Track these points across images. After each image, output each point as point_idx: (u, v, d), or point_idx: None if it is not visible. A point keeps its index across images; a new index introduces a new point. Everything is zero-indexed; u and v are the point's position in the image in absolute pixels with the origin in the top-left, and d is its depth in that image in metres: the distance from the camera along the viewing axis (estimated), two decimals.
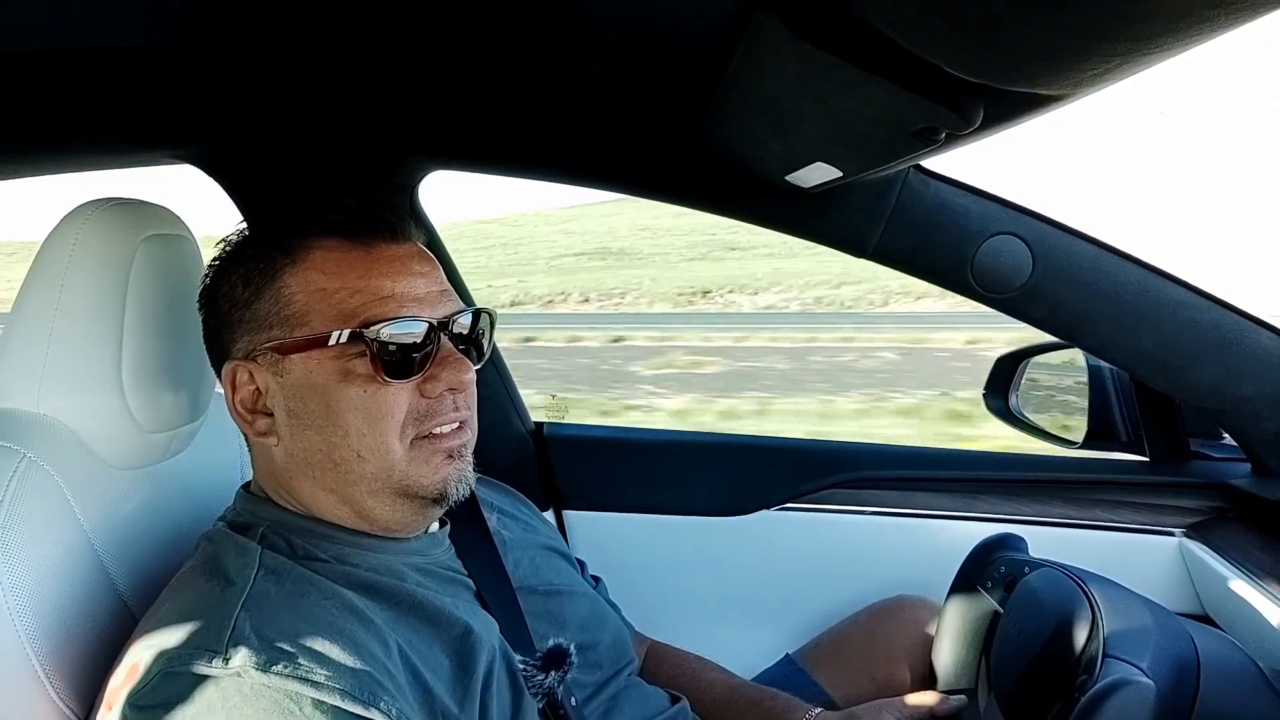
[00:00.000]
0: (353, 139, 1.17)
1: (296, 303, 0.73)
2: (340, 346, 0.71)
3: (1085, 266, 1.08)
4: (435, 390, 0.73)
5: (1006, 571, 0.99)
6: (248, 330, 0.74)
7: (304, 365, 0.72)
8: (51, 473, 0.74)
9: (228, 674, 0.60)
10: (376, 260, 0.74)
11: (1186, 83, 37.09)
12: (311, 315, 0.72)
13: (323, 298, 0.72)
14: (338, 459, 0.73)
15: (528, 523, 1.02)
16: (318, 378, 0.72)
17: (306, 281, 0.73)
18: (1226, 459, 1.27)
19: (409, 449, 0.73)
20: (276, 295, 0.73)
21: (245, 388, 0.74)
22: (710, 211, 1.15)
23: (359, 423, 0.72)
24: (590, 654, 0.90)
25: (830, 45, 0.58)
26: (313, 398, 0.72)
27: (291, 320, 0.73)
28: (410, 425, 0.73)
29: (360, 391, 0.71)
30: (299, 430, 0.73)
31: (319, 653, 0.62)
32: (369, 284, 0.72)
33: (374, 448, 0.72)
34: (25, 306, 0.78)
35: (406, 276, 0.74)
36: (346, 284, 0.72)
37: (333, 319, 0.72)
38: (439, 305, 0.75)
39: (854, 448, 1.39)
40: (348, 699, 0.61)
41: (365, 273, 0.73)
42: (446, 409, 0.75)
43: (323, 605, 0.67)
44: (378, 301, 0.72)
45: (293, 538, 0.73)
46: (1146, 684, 0.75)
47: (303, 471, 0.74)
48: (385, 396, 0.72)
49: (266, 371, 0.74)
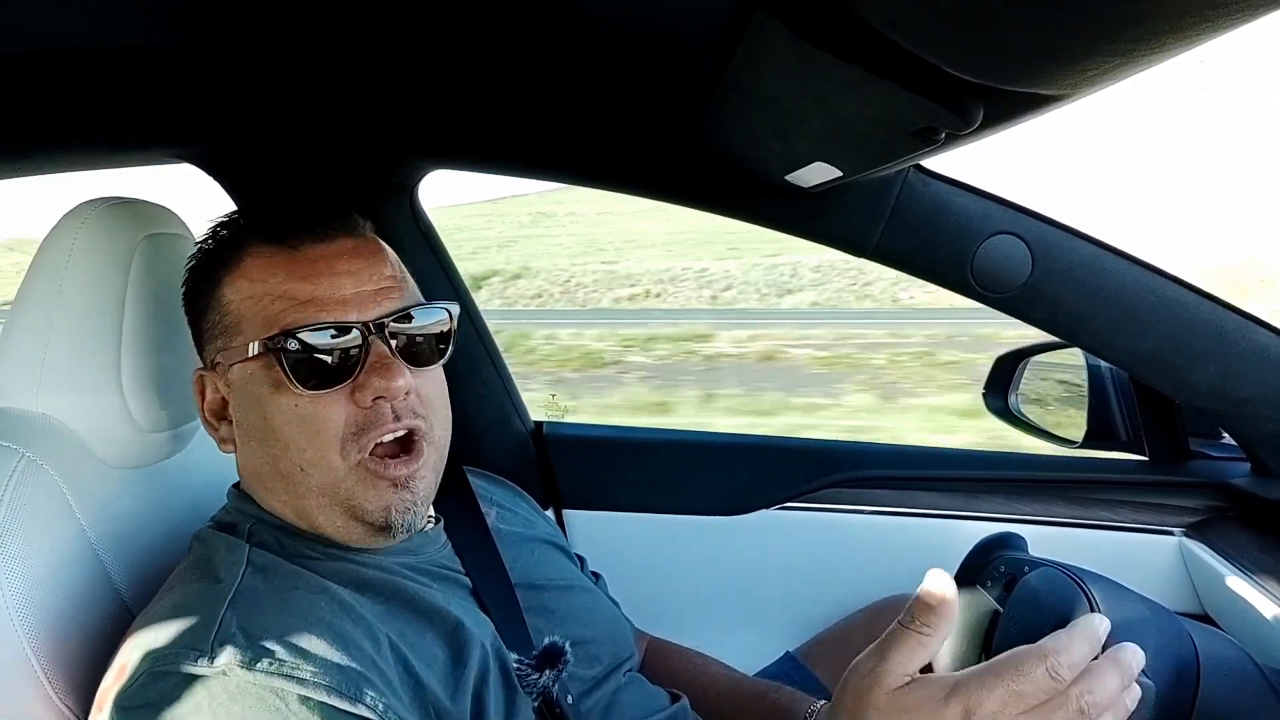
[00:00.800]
0: (352, 139, 1.17)
1: (232, 312, 0.72)
2: (268, 356, 0.69)
3: (1085, 266, 1.08)
4: (365, 399, 0.69)
5: (1006, 570, 0.99)
6: (205, 339, 0.75)
7: (242, 375, 0.72)
8: (51, 472, 0.74)
9: (213, 672, 0.60)
10: (298, 262, 0.71)
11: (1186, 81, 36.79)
12: (244, 324, 0.71)
13: (251, 305, 0.71)
14: (284, 470, 0.71)
15: (527, 518, 1.02)
16: (254, 388, 0.71)
17: (238, 290, 0.72)
18: (1226, 459, 1.27)
19: (354, 468, 0.70)
20: (218, 305, 0.73)
21: (210, 395, 0.75)
22: (710, 211, 1.15)
23: (296, 435, 0.69)
24: (589, 648, 0.90)
25: (830, 45, 0.58)
26: (252, 409, 0.71)
27: (229, 330, 0.72)
28: (350, 440, 0.70)
29: (291, 403, 0.69)
30: (245, 440, 0.74)
31: (305, 649, 0.62)
32: (289, 288, 0.70)
33: (315, 462, 0.70)
34: (25, 306, 0.78)
35: (330, 277, 0.70)
36: (270, 290, 0.70)
37: (259, 326, 0.70)
38: (369, 306, 0.71)
39: (854, 447, 1.39)
40: (334, 694, 0.60)
41: (286, 276, 0.70)
42: (385, 418, 0.70)
43: (311, 601, 0.67)
44: (296, 307, 0.69)
45: (283, 536, 0.73)
46: (1146, 683, 0.75)
47: (258, 479, 0.74)
48: (315, 407, 0.69)
49: (220, 381, 0.74)
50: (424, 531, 0.82)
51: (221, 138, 1.17)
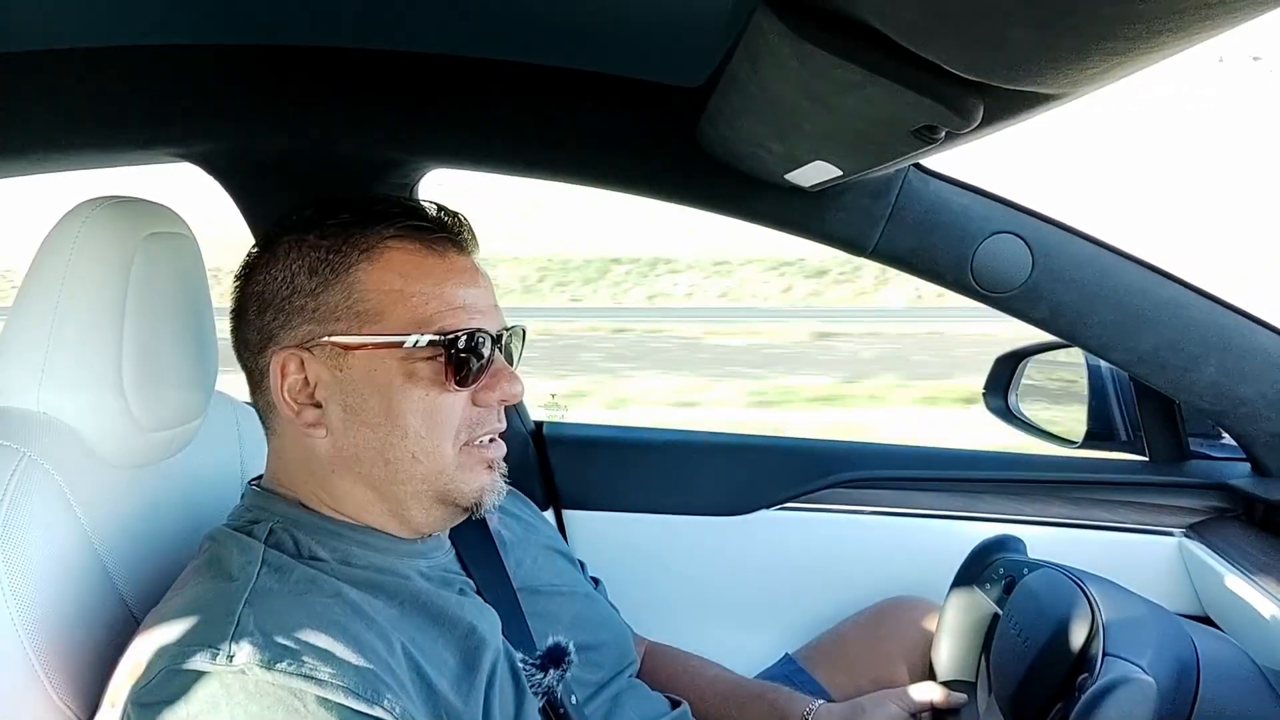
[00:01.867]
0: (353, 138, 1.17)
1: (371, 300, 0.73)
2: (410, 350, 0.72)
3: (1085, 266, 1.08)
4: (489, 400, 0.76)
5: (1005, 573, 0.99)
6: (308, 319, 0.73)
7: (368, 363, 0.72)
8: (51, 472, 0.74)
9: (231, 671, 0.60)
10: (450, 270, 0.75)
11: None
12: (385, 315, 0.73)
13: (398, 299, 0.73)
14: (391, 458, 0.73)
15: (529, 523, 1.02)
16: (381, 377, 0.72)
17: (382, 281, 0.73)
18: (1226, 459, 1.27)
19: (458, 454, 0.75)
20: (349, 289, 0.73)
21: (294, 376, 0.73)
22: (710, 211, 1.15)
23: (419, 425, 0.73)
24: (591, 654, 0.90)
25: (830, 45, 0.58)
26: (374, 395, 0.73)
27: (363, 316, 0.73)
28: (464, 432, 0.75)
29: (423, 394, 0.73)
30: (353, 426, 0.73)
31: (323, 650, 0.62)
32: (444, 291, 0.74)
33: (430, 451, 0.73)
34: (26, 305, 0.78)
35: (474, 288, 0.76)
36: (423, 289, 0.73)
37: (407, 322, 0.72)
38: (494, 318, 0.77)
39: (854, 448, 1.39)
40: (352, 696, 0.60)
41: (440, 280, 0.74)
42: (492, 420, 0.77)
43: (326, 603, 0.67)
44: (451, 311, 0.73)
45: (299, 534, 0.73)
46: (1148, 681, 0.75)
47: (348, 466, 0.74)
48: (446, 402, 0.73)
49: (322, 364, 0.73)
50: (434, 537, 0.82)
51: (221, 138, 1.17)
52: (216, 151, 1.19)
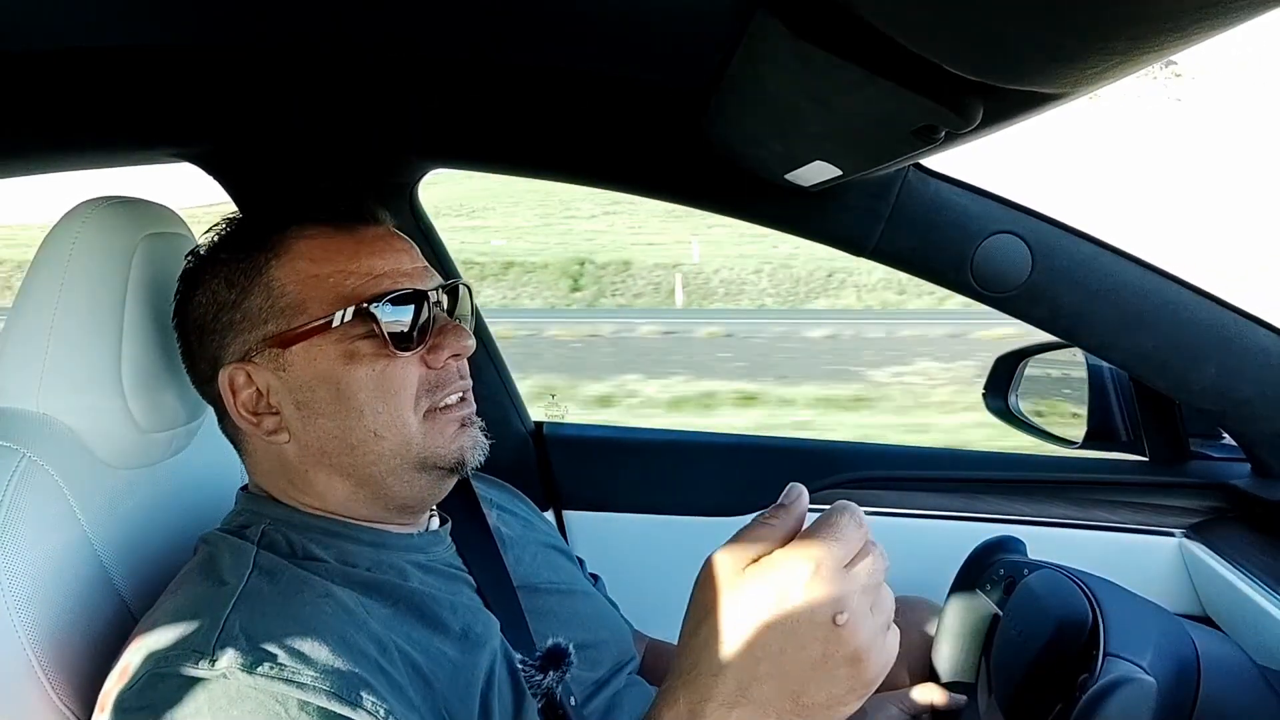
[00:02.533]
0: (352, 139, 1.17)
1: (290, 293, 0.73)
2: (343, 328, 0.72)
3: (1085, 266, 1.08)
4: (440, 359, 0.75)
5: (1005, 573, 0.99)
6: (239, 331, 0.74)
7: (306, 354, 0.72)
8: (51, 472, 0.74)
9: (214, 675, 0.60)
10: (361, 241, 0.75)
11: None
12: (308, 302, 0.73)
13: (316, 283, 0.73)
14: (354, 441, 0.73)
15: (527, 520, 1.02)
16: (322, 365, 0.72)
17: (295, 271, 0.73)
18: (1226, 459, 1.27)
19: (423, 420, 0.74)
20: (267, 289, 0.73)
21: (245, 390, 0.74)
22: (710, 210, 1.15)
23: (373, 401, 0.72)
24: (591, 652, 0.90)
25: (830, 45, 0.58)
26: (321, 385, 0.73)
27: (288, 310, 0.73)
28: (423, 397, 0.74)
29: (369, 370, 0.72)
30: (311, 420, 0.73)
31: (307, 654, 0.62)
32: (360, 264, 0.74)
33: (390, 423, 0.73)
34: (25, 305, 0.78)
35: (393, 254, 0.76)
36: (338, 267, 0.73)
37: (331, 302, 0.72)
38: (425, 279, 0.77)
39: (854, 448, 1.39)
40: (334, 700, 0.60)
41: (354, 254, 0.74)
42: (453, 377, 0.77)
43: (315, 604, 0.67)
44: (373, 280, 0.73)
45: (293, 535, 0.73)
46: (1148, 681, 0.75)
47: (318, 462, 0.74)
48: (395, 371, 0.73)
49: (266, 369, 0.73)
50: (432, 531, 0.82)
51: (221, 138, 1.17)
52: (216, 151, 1.19)
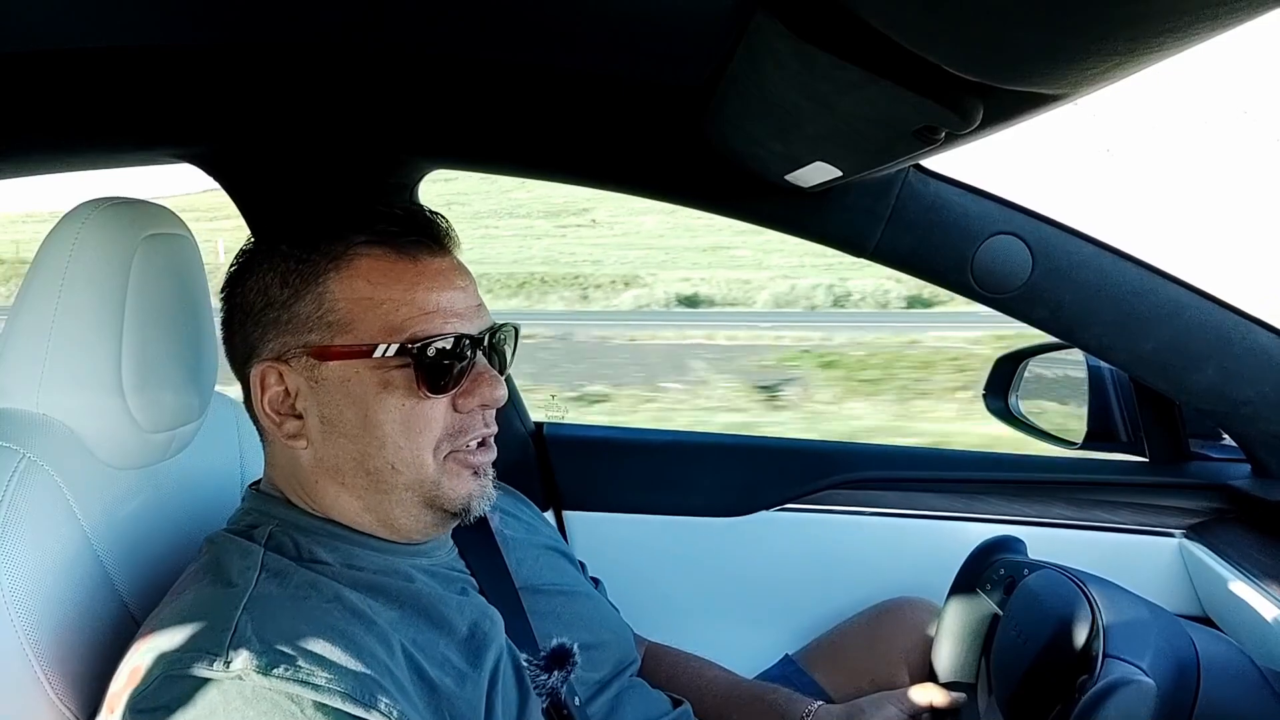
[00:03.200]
0: (353, 139, 1.17)
1: (340, 309, 0.72)
2: (383, 359, 0.71)
3: (1085, 267, 1.08)
4: (469, 405, 0.74)
5: (1005, 574, 0.99)
6: (283, 331, 0.73)
7: (342, 373, 0.72)
8: (51, 473, 0.74)
9: (229, 677, 0.60)
10: (422, 273, 0.73)
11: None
12: (356, 324, 0.72)
13: (369, 307, 0.72)
14: (371, 468, 0.73)
15: (529, 523, 1.02)
16: (356, 387, 0.72)
17: (352, 289, 0.72)
18: (1226, 460, 1.27)
19: (442, 463, 0.74)
20: (319, 299, 0.72)
21: (274, 389, 0.73)
22: (710, 211, 1.15)
23: (396, 434, 0.72)
24: (594, 653, 0.90)
25: (830, 45, 0.58)
26: (349, 406, 0.72)
27: (334, 326, 0.72)
28: (445, 441, 0.73)
29: (399, 403, 0.71)
30: (332, 436, 0.73)
31: (320, 655, 0.62)
32: (415, 297, 0.72)
33: (409, 461, 0.72)
34: (25, 306, 0.78)
35: (450, 291, 0.74)
36: (393, 295, 0.72)
37: (378, 330, 0.71)
38: (475, 320, 0.75)
39: (854, 448, 1.39)
40: (349, 701, 0.60)
41: (411, 285, 0.73)
42: (478, 425, 0.75)
43: (325, 608, 0.67)
44: (424, 316, 0.72)
45: (299, 538, 0.73)
46: (1148, 683, 0.75)
47: (331, 476, 0.74)
48: (424, 410, 0.72)
49: (299, 375, 0.73)
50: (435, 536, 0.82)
51: (222, 138, 1.17)
52: (216, 151, 1.19)
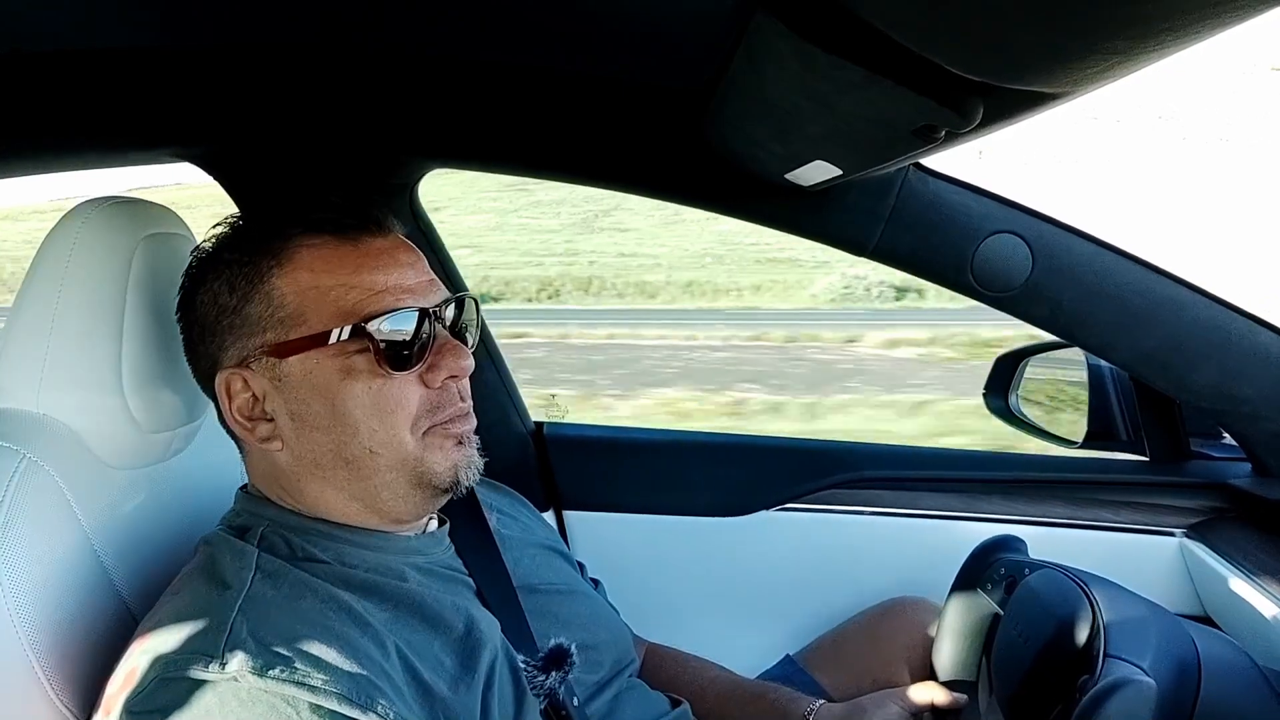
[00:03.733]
0: (352, 139, 1.17)
1: (290, 303, 0.72)
2: (340, 344, 0.71)
3: (1085, 265, 1.08)
4: (437, 379, 0.74)
5: (1006, 573, 0.99)
6: (239, 336, 0.73)
7: (303, 366, 0.72)
8: (51, 473, 0.74)
9: (224, 678, 0.60)
10: (365, 254, 0.73)
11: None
12: (307, 314, 0.71)
13: (317, 296, 0.72)
14: (349, 456, 0.72)
15: (527, 523, 1.02)
16: (318, 378, 0.71)
17: (297, 281, 0.72)
18: (1226, 459, 1.27)
19: (422, 438, 0.74)
20: (268, 298, 0.72)
21: (241, 395, 0.74)
22: (710, 210, 1.15)
23: (368, 418, 0.72)
24: (592, 654, 0.90)
25: (830, 45, 0.58)
26: (316, 398, 0.72)
27: (287, 321, 0.72)
28: (423, 418, 0.73)
29: (365, 387, 0.71)
30: (304, 432, 0.73)
31: (316, 656, 0.62)
32: (362, 278, 0.72)
33: (386, 442, 0.72)
34: (25, 306, 0.78)
35: (397, 268, 0.74)
36: (339, 280, 0.72)
37: (330, 316, 0.71)
38: (429, 294, 0.75)
39: (854, 448, 1.39)
40: (345, 703, 0.60)
41: (356, 268, 0.72)
42: (453, 398, 0.75)
43: (319, 608, 0.67)
44: (374, 296, 0.71)
45: (292, 537, 0.73)
46: (1148, 683, 0.75)
47: (311, 472, 0.74)
48: (391, 390, 0.72)
49: (262, 377, 0.73)
50: (430, 533, 0.82)
51: (222, 138, 1.17)
52: (216, 151, 1.19)
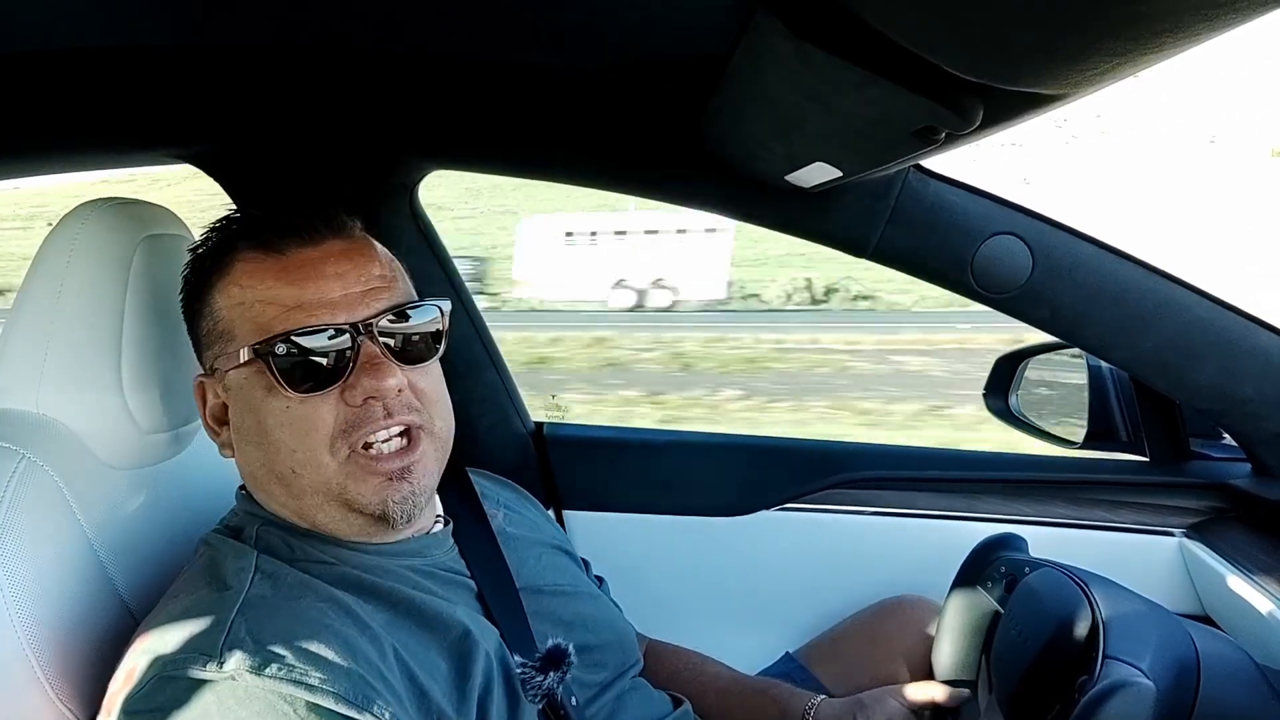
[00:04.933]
0: (352, 139, 1.17)
1: (222, 319, 0.72)
2: (252, 363, 0.70)
3: (1085, 266, 1.08)
4: (355, 399, 0.70)
5: (1006, 571, 0.99)
6: (201, 347, 0.76)
7: (237, 381, 0.73)
8: (51, 473, 0.74)
9: (222, 677, 0.60)
10: (287, 267, 0.71)
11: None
12: (235, 331, 0.71)
13: (241, 312, 0.71)
14: (279, 473, 0.72)
15: (534, 521, 1.02)
16: (248, 394, 0.72)
17: (228, 296, 0.72)
18: (1226, 459, 1.26)
19: (344, 462, 0.71)
20: (212, 313, 0.73)
21: (211, 401, 0.76)
22: (710, 211, 1.15)
23: (287, 438, 0.70)
24: (594, 654, 0.89)
25: (830, 45, 0.58)
26: (248, 414, 0.72)
27: (223, 337, 0.73)
28: (340, 438, 0.70)
29: (283, 406, 0.70)
30: (243, 445, 0.74)
31: (314, 655, 0.62)
32: (278, 293, 0.70)
33: (305, 462, 0.71)
34: (25, 306, 0.78)
35: (316, 281, 0.71)
36: (260, 296, 0.71)
37: (249, 333, 0.70)
38: (358, 307, 0.71)
39: (854, 448, 1.39)
40: (342, 702, 0.60)
41: (275, 281, 0.71)
42: (376, 416, 0.71)
43: (318, 608, 0.67)
44: (285, 313, 0.70)
45: (289, 537, 0.73)
46: (1147, 685, 0.75)
47: (257, 482, 0.75)
48: (305, 409, 0.70)
49: (218, 387, 0.75)
50: (432, 534, 0.81)
51: (222, 138, 1.17)
52: (216, 151, 1.19)
